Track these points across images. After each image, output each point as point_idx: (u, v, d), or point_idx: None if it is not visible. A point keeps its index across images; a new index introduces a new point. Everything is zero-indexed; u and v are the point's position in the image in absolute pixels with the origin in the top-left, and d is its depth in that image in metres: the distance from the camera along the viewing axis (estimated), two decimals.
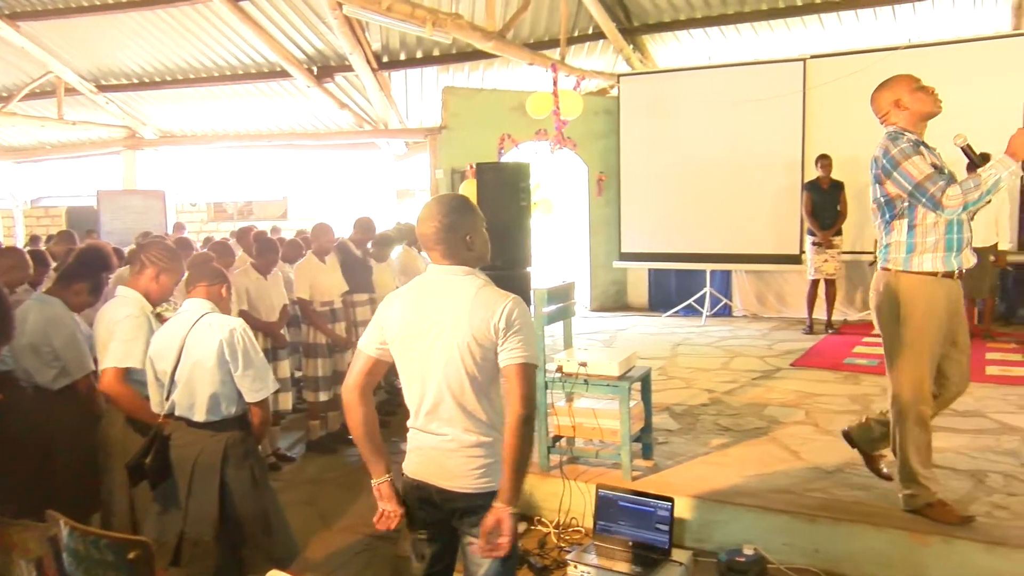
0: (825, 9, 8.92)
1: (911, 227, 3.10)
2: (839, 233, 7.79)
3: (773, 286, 9.38)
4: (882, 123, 3.28)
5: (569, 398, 3.97)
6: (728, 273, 9.51)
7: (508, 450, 2.08)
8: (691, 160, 9.19)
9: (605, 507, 3.39)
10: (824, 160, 7.74)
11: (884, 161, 3.11)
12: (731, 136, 8.98)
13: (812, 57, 8.74)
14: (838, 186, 7.76)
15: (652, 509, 3.26)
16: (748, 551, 3.15)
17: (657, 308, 9.78)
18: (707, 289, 9.18)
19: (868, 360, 6.36)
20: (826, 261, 7.74)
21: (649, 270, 9.93)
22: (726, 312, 9.41)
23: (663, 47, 10.17)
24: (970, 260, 3.14)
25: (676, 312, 9.39)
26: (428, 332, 2.13)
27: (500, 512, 2.07)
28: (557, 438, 3.97)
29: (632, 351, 3.99)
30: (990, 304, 7.40)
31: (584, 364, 3.77)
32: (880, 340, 3.27)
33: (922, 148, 3.09)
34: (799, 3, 8.98)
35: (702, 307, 9.10)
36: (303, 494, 4.52)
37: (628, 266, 9.87)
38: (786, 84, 8.70)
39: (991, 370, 5.97)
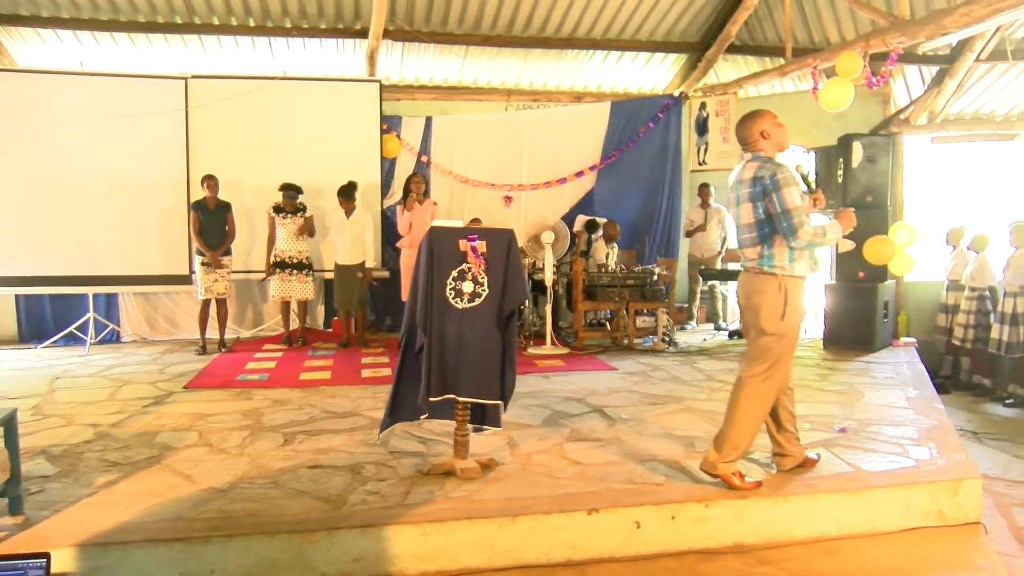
0: (205, 31, 9.00)
1: None
2: (228, 253, 7.94)
3: (162, 308, 9.08)
4: (746, 150, 3.74)
5: None
6: (115, 296, 8.89)
7: None
8: (66, 173, 8.35)
9: None
10: (210, 180, 7.81)
11: (769, 181, 3.51)
12: (111, 150, 8.43)
13: (193, 77, 8.74)
14: (225, 207, 7.91)
15: (22, 572, 2.84)
16: None
17: (30, 339, 8.63)
18: (90, 315, 8.43)
19: (260, 375, 6.61)
20: (216, 281, 7.81)
21: (17, 296, 8.69)
22: (113, 338, 8.78)
23: (24, 45, 9.00)
24: (818, 267, 3.73)
25: (54, 342, 8.40)
26: None
27: None
28: None
29: None
30: (361, 315, 8.36)
31: None
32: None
33: (799, 180, 3.57)
34: (179, 21, 8.89)
35: (85, 335, 8.32)
36: None
37: None
38: (168, 101, 8.54)
39: (366, 373, 6.74)
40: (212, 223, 7.83)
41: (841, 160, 7.90)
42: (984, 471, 4.52)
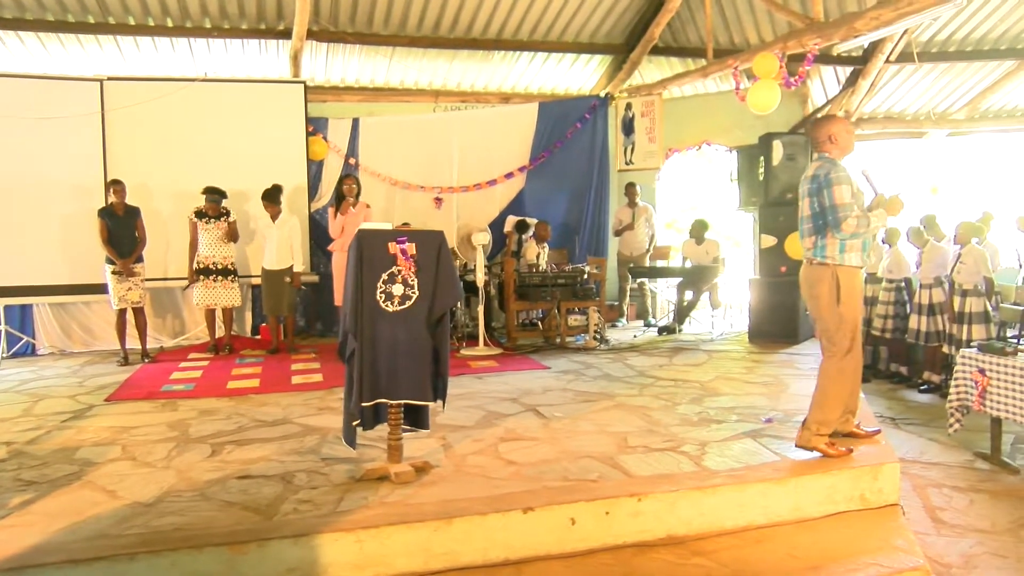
0: (121, 31, 8.71)
1: None
2: (140, 260, 7.68)
3: (80, 319, 8.74)
4: (816, 150, 4.17)
5: None
6: (29, 308, 8.52)
7: None
8: None
9: None
10: (116, 186, 7.56)
11: (823, 179, 3.94)
12: (23, 155, 8.11)
13: (109, 79, 8.45)
14: (134, 212, 7.65)
15: None
16: None
17: None
18: (2, 327, 8.07)
19: (185, 385, 6.42)
20: (130, 289, 7.56)
21: None
22: (28, 351, 8.42)
23: None
24: (871, 259, 3.89)
25: None
26: None
27: None
28: None
29: None
30: (290, 321, 8.21)
31: None
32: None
33: (852, 179, 3.95)
34: (92, 21, 8.58)
35: None
36: None
37: None
38: (82, 104, 8.24)
39: (296, 379, 6.61)
40: (121, 230, 7.55)
41: (762, 158, 8.11)
42: (902, 455, 4.70)
